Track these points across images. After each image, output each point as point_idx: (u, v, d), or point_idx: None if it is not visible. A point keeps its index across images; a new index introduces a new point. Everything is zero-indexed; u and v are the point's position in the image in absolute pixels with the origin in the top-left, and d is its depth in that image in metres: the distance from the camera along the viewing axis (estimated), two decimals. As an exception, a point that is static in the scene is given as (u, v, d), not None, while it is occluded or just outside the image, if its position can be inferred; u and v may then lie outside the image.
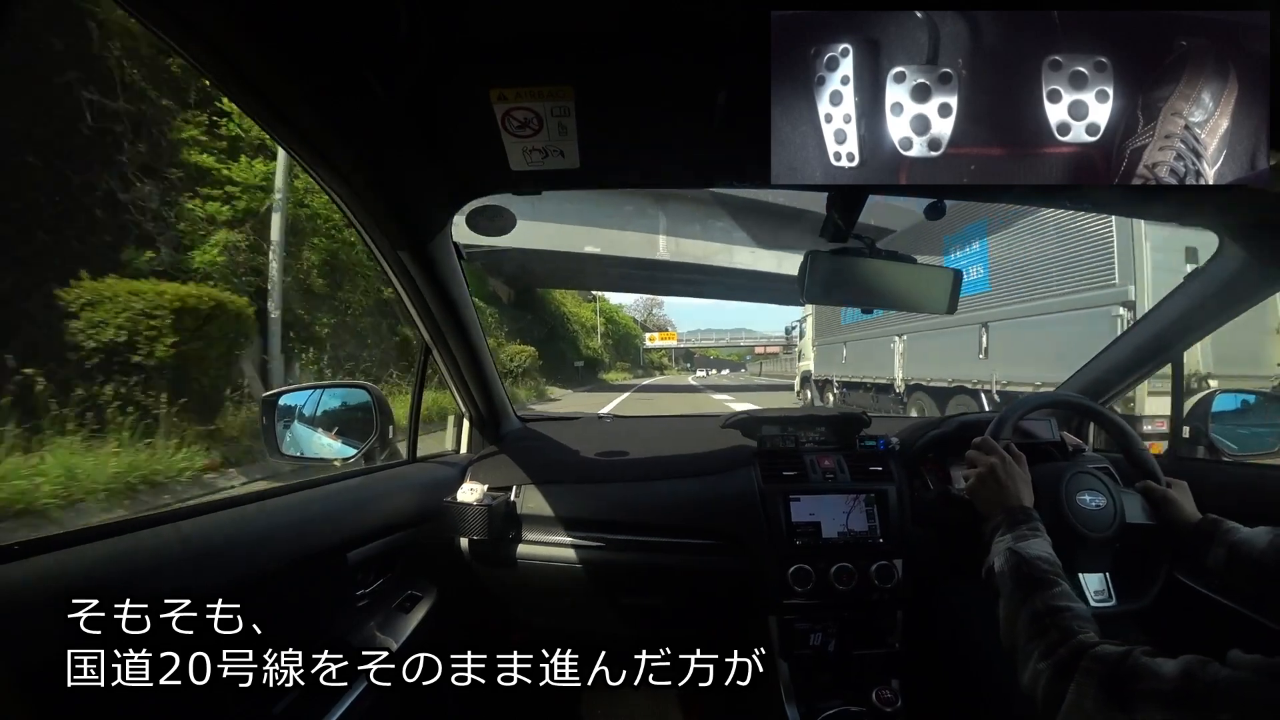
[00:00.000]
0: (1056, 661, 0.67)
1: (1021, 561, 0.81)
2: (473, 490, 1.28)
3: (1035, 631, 0.72)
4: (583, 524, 1.33)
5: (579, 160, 0.84)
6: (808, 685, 1.26)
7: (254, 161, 8.59)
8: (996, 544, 0.88)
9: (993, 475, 0.98)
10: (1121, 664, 0.61)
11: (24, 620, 0.55)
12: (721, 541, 1.31)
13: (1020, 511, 0.91)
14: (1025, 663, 0.71)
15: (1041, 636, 0.71)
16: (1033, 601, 0.75)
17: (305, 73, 0.67)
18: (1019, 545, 0.84)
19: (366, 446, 1.31)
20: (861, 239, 0.97)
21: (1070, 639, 0.68)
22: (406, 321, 1.25)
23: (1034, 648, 0.71)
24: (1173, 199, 1.02)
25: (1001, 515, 0.92)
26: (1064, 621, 0.71)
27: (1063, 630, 0.70)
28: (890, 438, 1.43)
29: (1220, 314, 1.23)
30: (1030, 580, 0.79)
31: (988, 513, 0.96)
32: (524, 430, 1.62)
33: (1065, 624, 0.70)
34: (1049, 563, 0.81)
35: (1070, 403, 1.35)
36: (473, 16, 0.66)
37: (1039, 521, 0.90)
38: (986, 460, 1.00)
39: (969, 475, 1.03)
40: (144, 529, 0.69)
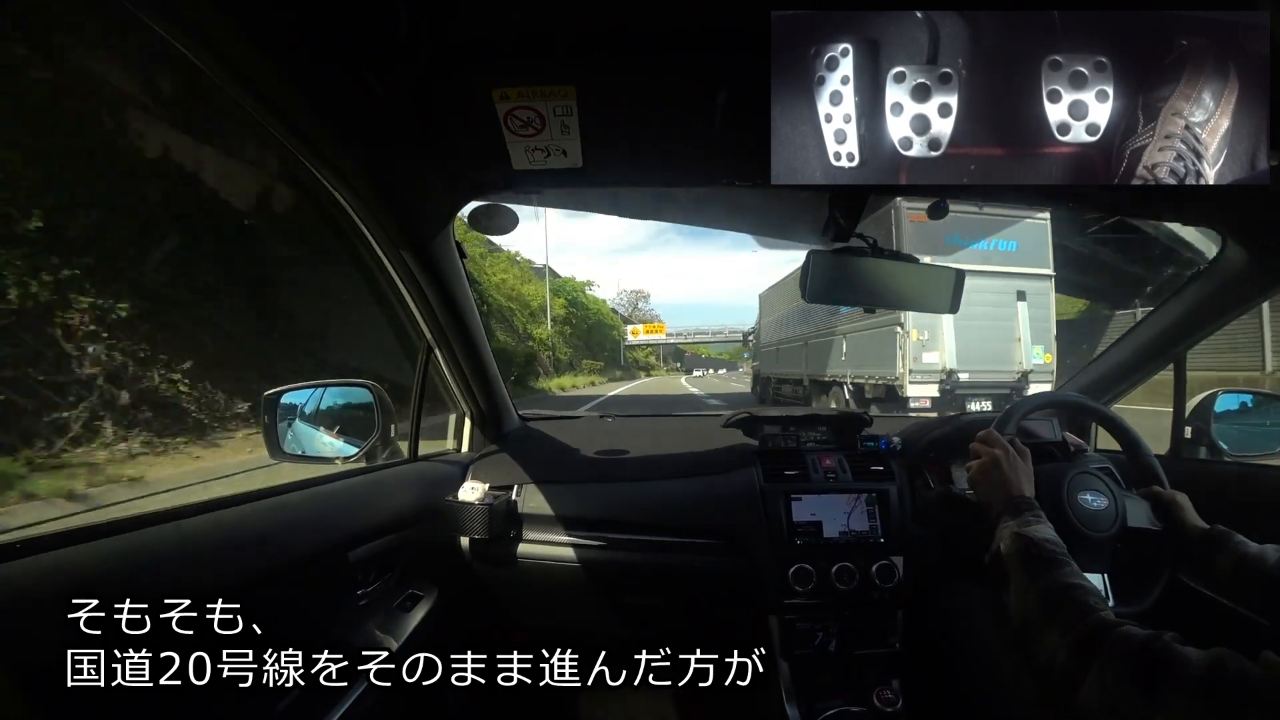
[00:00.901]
0: (1076, 639, 0.64)
1: (1029, 543, 0.80)
2: (474, 489, 1.28)
3: (1049, 609, 0.70)
4: (584, 523, 1.33)
5: (581, 160, 0.85)
6: (808, 685, 1.26)
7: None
8: (1001, 529, 0.87)
9: (996, 466, 0.96)
10: (1149, 647, 0.59)
11: (24, 620, 0.55)
12: (722, 541, 1.31)
13: (1022, 501, 0.90)
14: (1039, 641, 0.69)
15: (1056, 614, 0.69)
16: (1043, 580, 0.74)
17: (307, 73, 0.67)
18: (1025, 529, 0.83)
19: (368, 445, 1.31)
20: (864, 238, 0.97)
21: (1089, 616, 0.66)
22: (408, 321, 1.26)
23: (1049, 625, 0.68)
24: (1173, 199, 1.02)
25: (1004, 504, 0.91)
26: (1079, 597, 0.69)
27: (1079, 607, 0.68)
28: (892, 437, 1.43)
29: (1223, 313, 1.23)
30: (1039, 560, 0.77)
31: (989, 502, 0.95)
32: (525, 429, 1.62)
33: (1081, 600, 0.68)
34: (1055, 544, 0.79)
35: (1073, 403, 1.35)
36: (474, 16, 0.66)
37: (1041, 511, 0.89)
38: (990, 451, 0.99)
39: (971, 466, 1.02)
40: (144, 528, 0.69)
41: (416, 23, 0.63)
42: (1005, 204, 6.49)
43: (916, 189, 0.90)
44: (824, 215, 0.98)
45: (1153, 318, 1.35)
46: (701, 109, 0.79)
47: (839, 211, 0.96)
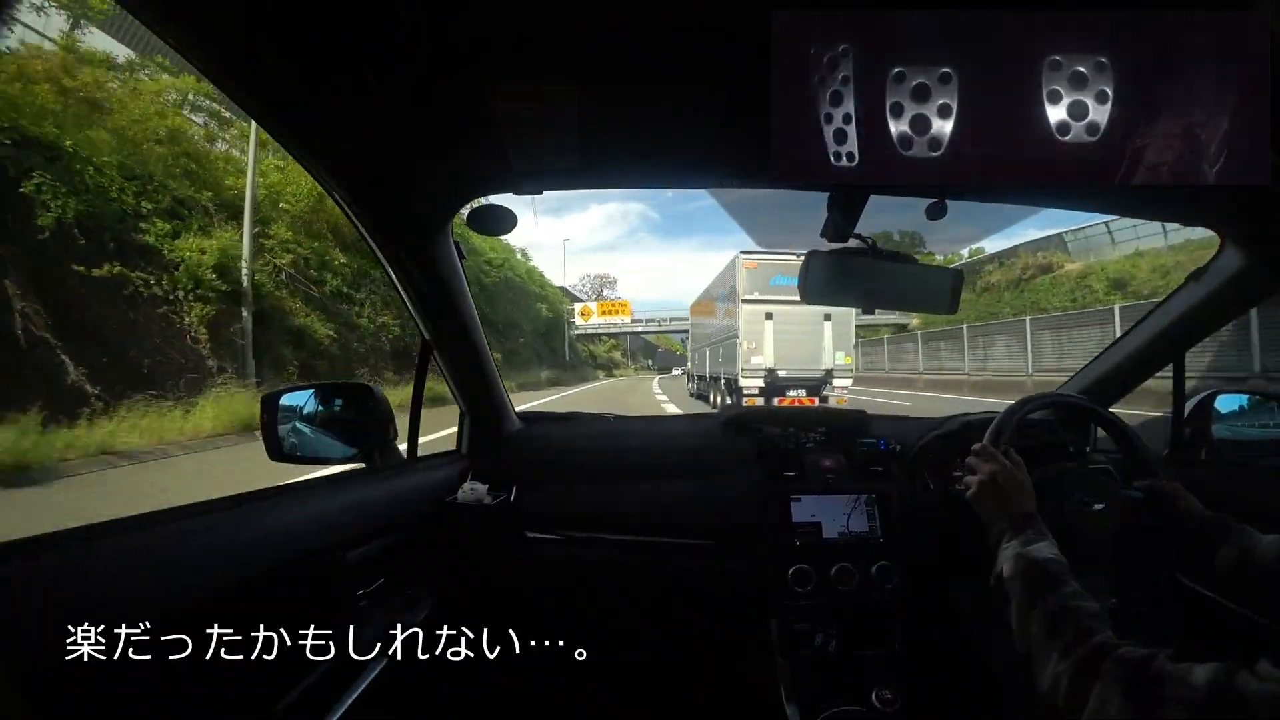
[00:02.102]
0: (1076, 661, 0.66)
1: (1031, 564, 0.81)
2: (473, 490, 1.28)
3: (1051, 631, 0.72)
4: (583, 524, 1.33)
5: (580, 159, 0.84)
6: (808, 686, 1.26)
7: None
8: (1004, 551, 0.88)
9: (993, 482, 0.97)
10: (1146, 669, 0.60)
11: (24, 620, 0.55)
12: (722, 542, 1.31)
13: (1023, 518, 0.91)
14: (1043, 664, 0.70)
15: (1058, 636, 0.70)
16: (1046, 601, 0.75)
17: (306, 73, 0.67)
18: (1027, 549, 0.84)
19: (367, 446, 1.31)
20: (862, 239, 0.97)
21: (1089, 639, 0.67)
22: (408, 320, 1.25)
23: (1051, 648, 0.70)
24: (1173, 199, 1.02)
25: (1005, 522, 0.91)
26: (1080, 620, 0.70)
27: (1080, 630, 0.69)
28: (891, 438, 1.43)
29: (1222, 314, 1.23)
30: (1041, 580, 0.78)
31: (990, 520, 0.95)
32: (525, 430, 1.62)
33: (1081, 623, 0.70)
34: (1058, 563, 0.81)
35: (1071, 403, 1.35)
36: (474, 16, 0.66)
37: (1043, 526, 0.90)
38: (986, 468, 0.99)
39: (970, 483, 1.02)
40: (144, 529, 0.69)
41: (416, 23, 0.63)
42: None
43: (916, 189, 0.90)
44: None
45: (1152, 318, 1.35)
46: (702, 108, 0.79)
47: (838, 211, 0.95)
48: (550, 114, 0.77)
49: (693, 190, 14.16)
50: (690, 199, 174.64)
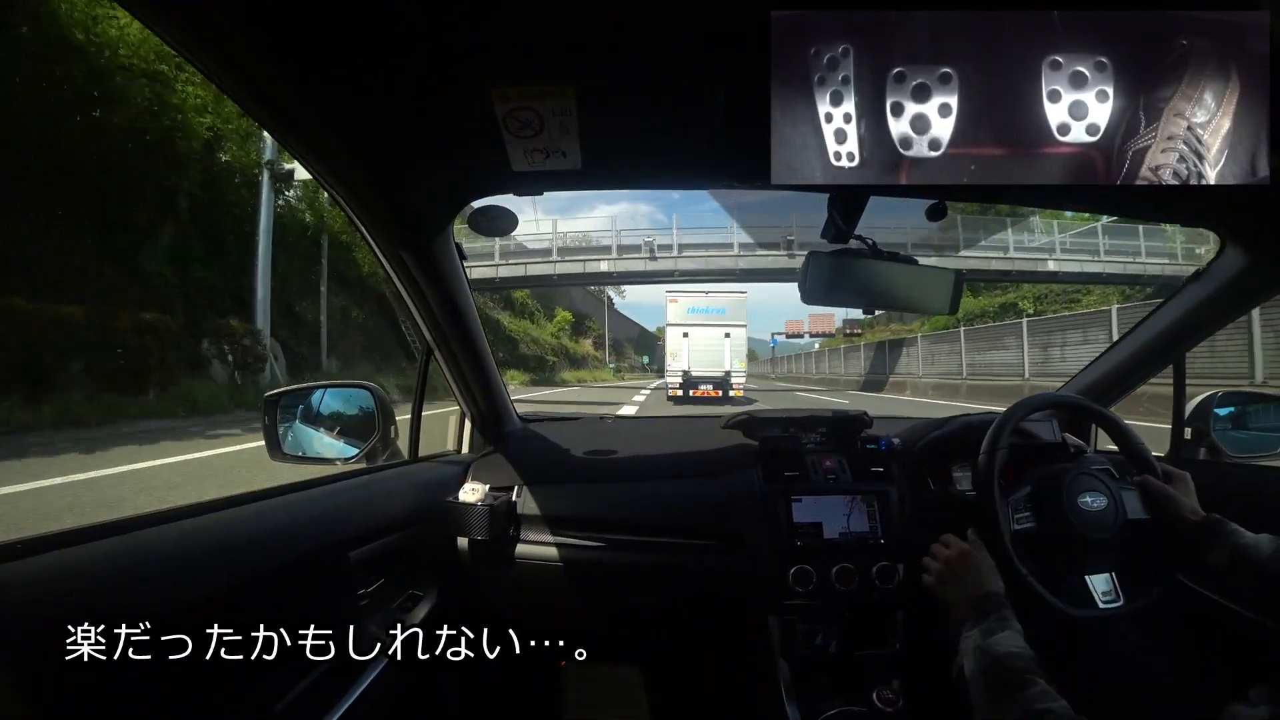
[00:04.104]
0: None
1: (992, 662, 0.77)
2: (474, 490, 1.28)
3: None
4: (584, 524, 1.33)
5: (580, 160, 0.84)
6: (808, 686, 1.26)
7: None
8: (964, 641, 0.85)
9: (949, 570, 0.97)
10: None
11: (24, 620, 0.55)
12: (722, 542, 1.31)
13: (985, 600, 0.89)
14: None
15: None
16: (1009, 708, 0.71)
17: (306, 73, 0.67)
18: (988, 642, 0.81)
19: (368, 446, 1.31)
20: (863, 239, 0.97)
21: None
22: (409, 321, 1.26)
23: None
24: (1173, 200, 1.02)
25: (966, 607, 0.90)
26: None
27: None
28: (892, 438, 1.43)
29: (1222, 315, 1.23)
30: (1003, 684, 0.74)
31: (952, 607, 0.94)
32: (526, 430, 1.62)
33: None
34: (1022, 658, 0.77)
35: (1071, 403, 1.35)
36: (473, 17, 0.66)
37: (1008, 609, 0.87)
38: (947, 554, 1.00)
39: (931, 568, 1.03)
40: (144, 529, 0.69)
41: (416, 23, 0.63)
42: (732, 281, 20.10)
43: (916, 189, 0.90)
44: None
45: (1152, 319, 1.35)
46: (701, 109, 0.79)
47: (838, 212, 0.95)
48: (550, 114, 0.77)
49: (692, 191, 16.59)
50: (697, 200, 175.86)
